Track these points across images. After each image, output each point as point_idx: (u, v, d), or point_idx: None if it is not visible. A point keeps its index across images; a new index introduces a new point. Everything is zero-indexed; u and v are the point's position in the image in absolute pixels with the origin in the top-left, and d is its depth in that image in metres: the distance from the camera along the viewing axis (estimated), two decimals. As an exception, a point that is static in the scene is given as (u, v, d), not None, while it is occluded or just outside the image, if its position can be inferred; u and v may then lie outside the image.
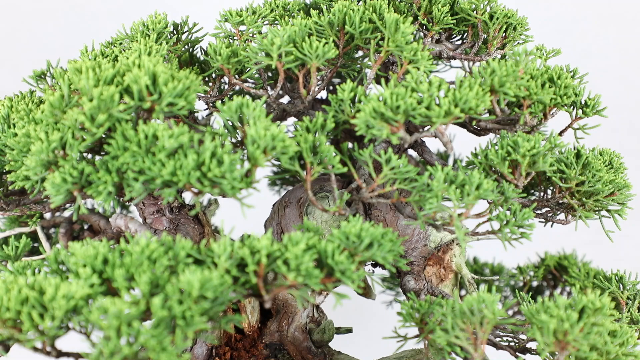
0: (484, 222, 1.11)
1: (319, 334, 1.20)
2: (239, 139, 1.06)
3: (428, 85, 1.07)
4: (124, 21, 1.27)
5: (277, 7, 1.26)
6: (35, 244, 1.26)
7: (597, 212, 1.20)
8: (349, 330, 1.31)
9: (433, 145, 1.27)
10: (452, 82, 1.10)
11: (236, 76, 1.20)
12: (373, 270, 1.29)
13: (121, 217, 1.16)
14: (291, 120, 1.25)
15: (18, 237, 1.23)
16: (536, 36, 1.27)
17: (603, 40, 1.99)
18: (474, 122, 1.20)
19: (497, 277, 1.37)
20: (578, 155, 1.17)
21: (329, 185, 1.21)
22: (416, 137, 1.10)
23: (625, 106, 1.90)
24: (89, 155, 1.04)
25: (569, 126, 1.23)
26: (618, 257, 1.38)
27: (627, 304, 1.25)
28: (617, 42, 1.99)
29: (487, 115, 1.14)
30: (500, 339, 1.21)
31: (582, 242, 1.36)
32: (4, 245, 1.21)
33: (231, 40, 1.24)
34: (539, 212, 1.21)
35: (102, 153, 1.02)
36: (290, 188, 1.33)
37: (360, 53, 1.22)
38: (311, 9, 1.25)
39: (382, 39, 1.14)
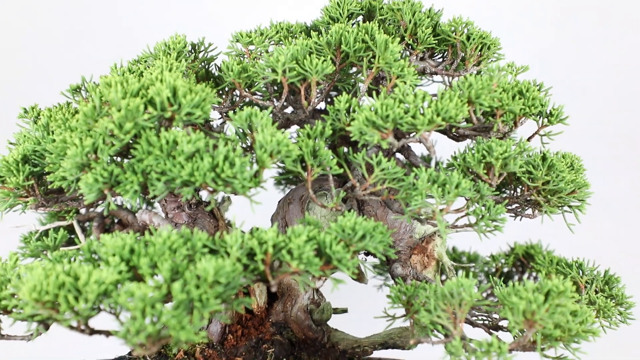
0: (462, 217, 1.12)
1: (319, 313, 1.20)
2: (249, 144, 1.06)
3: (413, 97, 1.07)
4: (148, 41, 1.27)
5: (282, 29, 1.26)
6: (72, 236, 1.26)
7: (560, 208, 1.20)
8: (344, 311, 1.31)
9: (418, 149, 1.27)
10: (435, 95, 1.10)
11: (246, 89, 1.20)
12: (365, 259, 1.29)
13: (146, 213, 1.16)
14: (294, 127, 1.25)
15: (56, 229, 1.23)
16: (507, 54, 1.27)
17: (567, 56, 1.98)
18: (453, 130, 1.20)
19: (473, 264, 1.37)
20: (544, 158, 1.17)
21: (327, 185, 1.20)
22: (403, 142, 1.10)
23: (586, 115, 1.89)
24: (118, 159, 1.04)
25: (536, 133, 1.23)
26: (578, 247, 1.38)
27: (585, 287, 1.25)
28: (578, 57, 1.98)
29: (465, 123, 1.14)
30: (476, 318, 1.21)
31: (547, 234, 1.36)
32: (44, 237, 1.21)
33: (242, 58, 1.24)
34: (509, 207, 1.21)
35: (129, 157, 1.02)
36: (293, 187, 1.33)
37: (354, 69, 1.22)
38: (311, 30, 1.26)
39: (374, 57, 1.14)
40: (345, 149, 1.17)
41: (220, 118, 1.28)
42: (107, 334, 0.94)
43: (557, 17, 1.98)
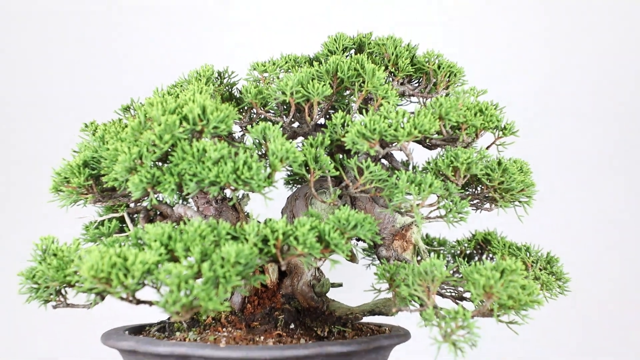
0: (434, 210, 1.12)
1: (319, 287, 1.20)
2: (263, 152, 1.05)
3: (395, 114, 1.07)
4: (183, 69, 1.27)
5: (290, 60, 1.27)
6: (122, 225, 1.25)
7: (511, 203, 1.20)
8: (340, 285, 1.30)
9: (399, 156, 1.26)
10: (412, 112, 1.10)
11: (261, 108, 1.20)
12: (357, 243, 1.28)
13: (181, 207, 1.16)
14: (300, 139, 1.25)
15: (110, 220, 1.22)
16: (470, 79, 1.28)
17: (523, 78, 1.98)
18: (427, 140, 1.20)
19: (442, 247, 1.36)
20: (499, 163, 1.17)
21: (326, 184, 1.20)
22: (387, 150, 1.10)
23: (535, 128, 1.88)
24: (159, 163, 1.03)
25: (492, 143, 1.23)
26: (526, 234, 1.37)
27: (532, 266, 1.25)
28: (532, 79, 1.98)
29: (437, 135, 1.14)
30: (445, 291, 1.21)
31: (501, 223, 1.35)
32: (100, 226, 1.21)
33: (258, 83, 1.24)
34: (472, 202, 1.21)
35: (167, 162, 1.01)
36: (299, 186, 1.32)
37: (347, 92, 1.22)
38: (313, 61, 1.26)
39: (363, 82, 1.14)
40: (341, 156, 1.16)
41: (240, 131, 1.28)
42: (150, 303, 0.94)
43: (515, 45, 1.98)
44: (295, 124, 1.23)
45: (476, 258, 1.33)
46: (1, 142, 1.95)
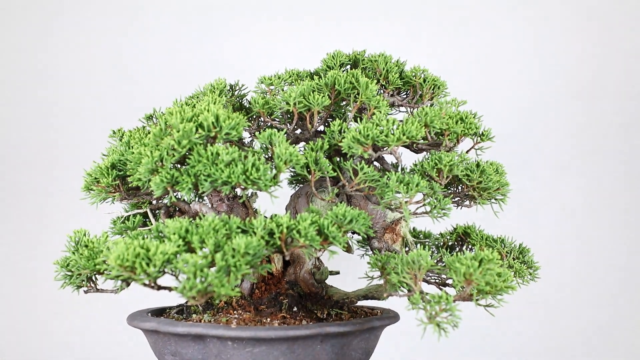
0: (420, 207, 1.11)
1: (319, 275, 1.19)
2: (270, 155, 1.05)
3: (386, 122, 1.07)
4: (199, 83, 1.27)
5: (293, 74, 1.26)
6: (145, 220, 1.24)
7: (488, 200, 1.19)
8: (337, 273, 1.29)
9: (389, 159, 1.25)
10: (401, 120, 1.09)
11: (268, 117, 1.19)
12: (352, 236, 1.27)
13: (197, 203, 1.15)
14: (302, 144, 1.24)
15: (135, 215, 1.21)
16: (452, 90, 1.27)
17: (498, 90, 1.97)
18: (414, 145, 1.20)
19: (428, 240, 1.35)
20: (478, 165, 1.16)
21: (326, 184, 1.19)
22: (379, 154, 1.09)
23: (508, 134, 1.88)
24: (177, 165, 1.03)
25: (472, 147, 1.22)
26: (501, 227, 1.37)
27: (506, 256, 1.24)
28: (507, 92, 1.97)
29: (423, 140, 1.14)
30: (430, 278, 1.21)
31: (479, 218, 1.34)
32: (126, 221, 1.20)
33: (265, 95, 1.23)
34: (453, 200, 1.20)
35: (185, 164, 1.01)
36: (301, 185, 1.31)
37: (344, 102, 1.21)
38: (314, 75, 1.26)
39: (358, 94, 1.14)
40: (338, 159, 1.16)
41: (249, 137, 1.27)
42: (170, 289, 0.93)
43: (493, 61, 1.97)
44: (298, 131, 1.23)
45: (457, 249, 1.32)
46: (41, 148, 1.94)
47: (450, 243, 1.32)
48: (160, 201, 1.21)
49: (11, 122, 1.95)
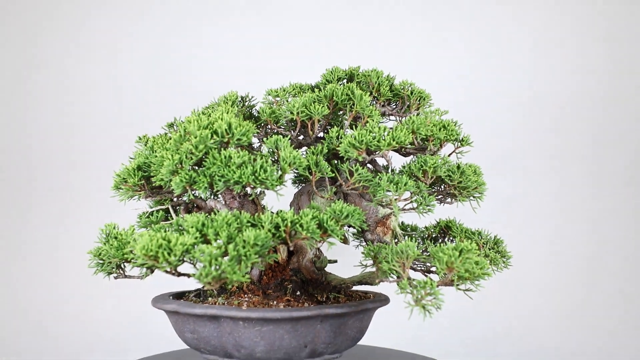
0: (408, 203, 1.11)
1: (319, 263, 1.19)
2: (276, 158, 1.05)
3: (378, 129, 1.07)
4: (214, 94, 1.27)
5: (296, 87, 1.26)
6: (167, 215, 1.24)
7: (467, 198, 1.19)
8: (335, 261, 1.29)
9: (380, 161, 1.25)
10: (391, 128, 1.09)
11: (274, 124, 1.19)
12: (348, 229, 1.27)
13: (212, 200, 1.14)
14: (304, 148, 1.24)
15: (158, 211, 1.21)
16: (436, 101, 1.27)
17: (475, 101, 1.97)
18: (403, 149, 1.19)
19: (414, 232, 1.35)
20: (458, 167, 1.16)
21: (325, 183, 1.19)
22: (372, 157, 1.09)
23: (483, 140, 1.88)
24: (195, 167, 1.03)
25: (453, 151, 1.21)
26: (478, 221, 1.37)
27: (483, 246, 1.24)
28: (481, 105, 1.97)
29: (410, 145, 1.13)
30: (416, 266, 1.20)
31: (459, 213, 1.34)
32: (150, 216, 1.20)
33: (271, 105, 1.23)
34: (437, 197, 1.20)
35: (201, 166, 1.01)
36: (303, 185, 1.31)
37: (341, 112, 1.21)
38: (315, 88, 1.26)
39: (353, 104, 1.14)
40: (336, 161, 1.15)
41: (258, 142, 1.27)
42: (188, 276, 0.93)
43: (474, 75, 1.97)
44: (301, 137, 1.23)
45: (440, 240, 1.32)
46: (77, 152, 1.95)
47: (434, 235, 1.32)
48: (180, 199, 1.22)
49: (52, 131, 1.95)
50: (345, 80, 1.29)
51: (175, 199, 1.22)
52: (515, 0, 1.93)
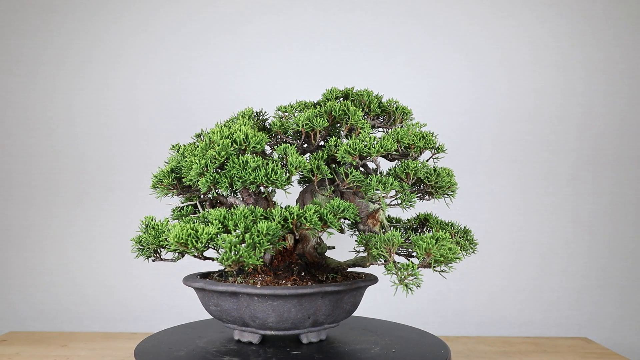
0: (393, 200, 1.10)
1: (320, 249, 1.18)
2: (284, 163, 1.04)
3: (369, 139, 1.06)
4: (234, 110, 1.26)
5: (301, 104, 1.25)
6: (195, 209, 1.23)
7: (442, 196, 1.18)
8: (333, 248, 1.28)
9: (371, 165, 1.24)
10: (380, 138, 1.08)
11: (283, 134, 1.18)
12: (344, 221, 1.26)
13: (232, 197, 1.14)
14: (308, 154, 1.23)
15: (187, 206, 1.20)
16: (416, 116, 1.26)
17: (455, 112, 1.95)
18: (389, 155, 1.18)
19: (398, 224, 1.34)
20: (435, 170, 1.15)
21: (325, 183, 1.18)
22: (364, 161, 1.08)
23: (456, 148, 1.86)
24: (218, 170, 1.02)
25: (430, 157, 1.21)
26: (451, 214, 1.36)
27: (455, 235, 1.23)
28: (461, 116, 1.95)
29: (395, 152, 1.13)
30: (400, 252, 1.19)
31: (435, 208, 1.33)
32: (181, 210, 1.19)
33: (281, 119, 1.22)
34: (417, 195, 1.19)
35: (223, 169, 1.00)
36: (307, 184, 1.30)
37: (338, 124, 1.20)
38: (317, 104, 1.25)
39: (348, 118, 1.13)
40: (334, 165, 1.15)
41: (270, 149, 1.27)
42: (212, 259, 0.92)
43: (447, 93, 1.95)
44: (305, 145, 1.22)
45: (420, 230, 1.31)
46: (122, 159, 1.94)
47: (414, 226, 1.31)
48: (205, 196, 1.21)
49: (102, 142, 1.94)
50: (341, 98, 1.28)
51: (201, 196, 1.21)
52: (484, 19, 1.92)
